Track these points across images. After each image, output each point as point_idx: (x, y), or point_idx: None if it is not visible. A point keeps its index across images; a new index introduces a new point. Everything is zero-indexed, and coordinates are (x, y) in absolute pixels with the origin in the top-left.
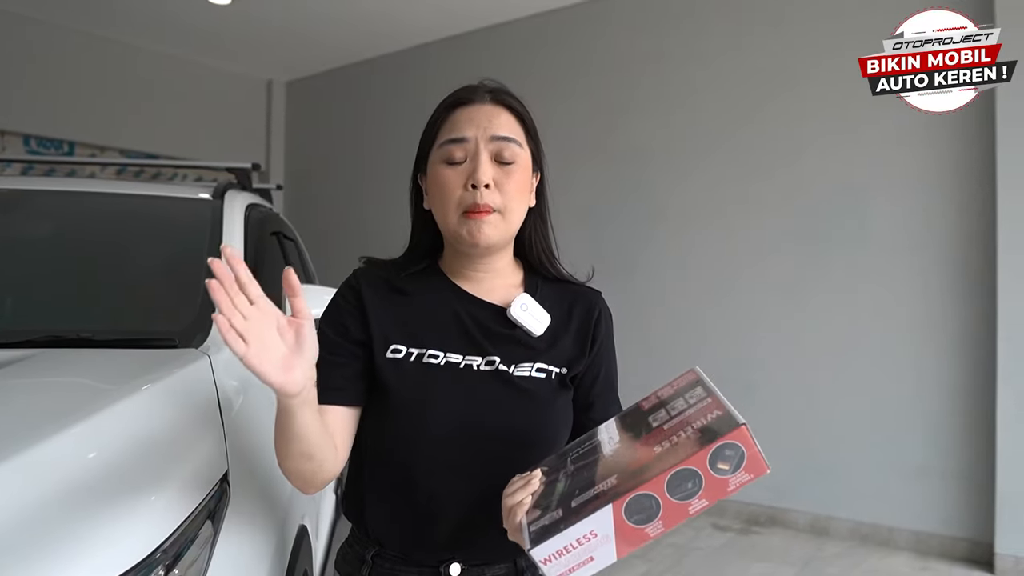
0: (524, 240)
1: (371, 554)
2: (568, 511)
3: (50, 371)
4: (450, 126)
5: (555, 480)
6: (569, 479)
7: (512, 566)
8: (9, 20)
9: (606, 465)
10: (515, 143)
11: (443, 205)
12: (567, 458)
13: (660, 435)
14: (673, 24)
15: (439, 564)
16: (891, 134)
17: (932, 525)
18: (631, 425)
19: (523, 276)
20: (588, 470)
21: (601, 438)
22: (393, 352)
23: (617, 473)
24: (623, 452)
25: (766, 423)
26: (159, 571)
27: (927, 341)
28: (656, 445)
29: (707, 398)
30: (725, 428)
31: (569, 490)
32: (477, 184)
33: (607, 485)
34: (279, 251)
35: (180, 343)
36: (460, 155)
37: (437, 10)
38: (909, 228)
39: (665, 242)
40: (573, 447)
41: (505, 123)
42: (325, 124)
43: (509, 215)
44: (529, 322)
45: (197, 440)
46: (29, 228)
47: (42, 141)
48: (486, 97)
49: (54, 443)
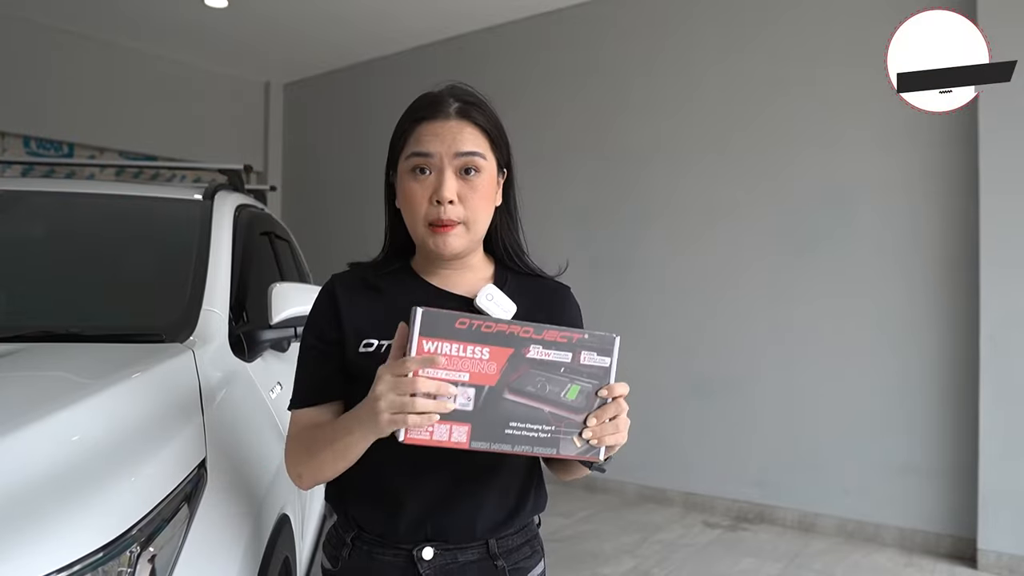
0: (492, 236)
1: (351, 537)
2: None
3: (38, 364)
4: (416, 139)
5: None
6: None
7: (484, 549)
8: (11, 24)
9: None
10: (479, 156)
11: (411, 216)
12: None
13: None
14: (668, 29)
15: (413, 547)
16: (877, 140)
17: (917, 522)
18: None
19: (493, 270)
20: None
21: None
22: (365, 346)
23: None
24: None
25: (754, 422)
26: (134, 548)
27: (912, 341)
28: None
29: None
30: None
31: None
32: (441, 200)
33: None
34: (270, 250)
35: (166, 338)
36: (425, 168)
37: (434, 12)
38: (894, 231)
39: (658, 243)
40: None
41: (469, 138)
42: (322, 126)
43: (474, 225)
44: (495, 311)
45: (177, 428)
46: (23, 228)
47: (42, 143)
48: (451, 113)
49: (39, 427)
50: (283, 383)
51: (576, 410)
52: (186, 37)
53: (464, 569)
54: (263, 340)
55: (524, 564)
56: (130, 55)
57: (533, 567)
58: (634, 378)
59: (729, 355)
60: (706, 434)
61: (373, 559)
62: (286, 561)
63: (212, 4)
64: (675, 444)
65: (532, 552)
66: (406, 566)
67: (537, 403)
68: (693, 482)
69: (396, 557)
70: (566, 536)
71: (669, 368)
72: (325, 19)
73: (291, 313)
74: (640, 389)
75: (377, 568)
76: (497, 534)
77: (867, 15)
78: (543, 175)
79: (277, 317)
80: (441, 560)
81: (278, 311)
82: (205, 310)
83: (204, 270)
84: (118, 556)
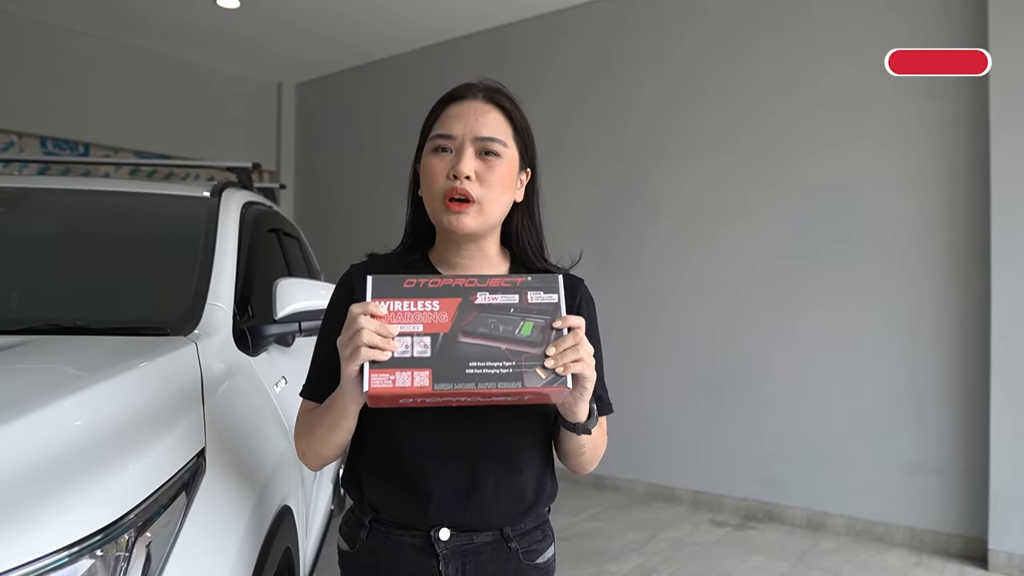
0: (511, 235)
1: (368, 519)
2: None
3: (45, 355)
4: (442, 121)
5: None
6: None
7: (499, 532)
8: (27, 26)
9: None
10: (499, 142)
11: (429, 191)
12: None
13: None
14: (676, 28)
15: (429, 529)
16: (885, 139)
17: (927, 521)
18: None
19: (509, 266)
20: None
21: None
22: None
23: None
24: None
25: (763, 420)
26: (131, 533)
27: (922, 339)
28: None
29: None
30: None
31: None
32: (458, 175)
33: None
34: (277, 246)
35: (171, 331)
36: (447, 148)
37: (444, 12)
38: (904, 230)
39: (667, 244)
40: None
41: (492, 122)
42: (334, 125)
43: (488, 205)
44: None
45: (177, 417)
46: (36, 223)
47: (58, 143)
48: (479, 95)
49: (43, 413)
50: (287, 377)
51: (533, 344)
52: (199, 38)
53: (479, 550)
54: (268, 335)
55: (536, 547)
56: (144, 56)
57: (544, 550)
58: (643, 377)
59: (738, 354)
60: (714, 433)
61: (391, 539)
62: (288, 552)
63: (224, 5)
64: (683, 443)
65: (543, 536)
66: (423, 546)
67: (493, 342)
68: (701, 481)
69: (414, 537)
70: (574, 533)
71: (678, 367)
72: (336, 19)
73: (296, 308)
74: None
75: (395, 548)
76: (512, 524)
77: (876, 14)
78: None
79: (282, 312)
80: (457, 541)
81: (283, 306)
82: (210, 304)
83: (210, 265)
84: (115, 540)
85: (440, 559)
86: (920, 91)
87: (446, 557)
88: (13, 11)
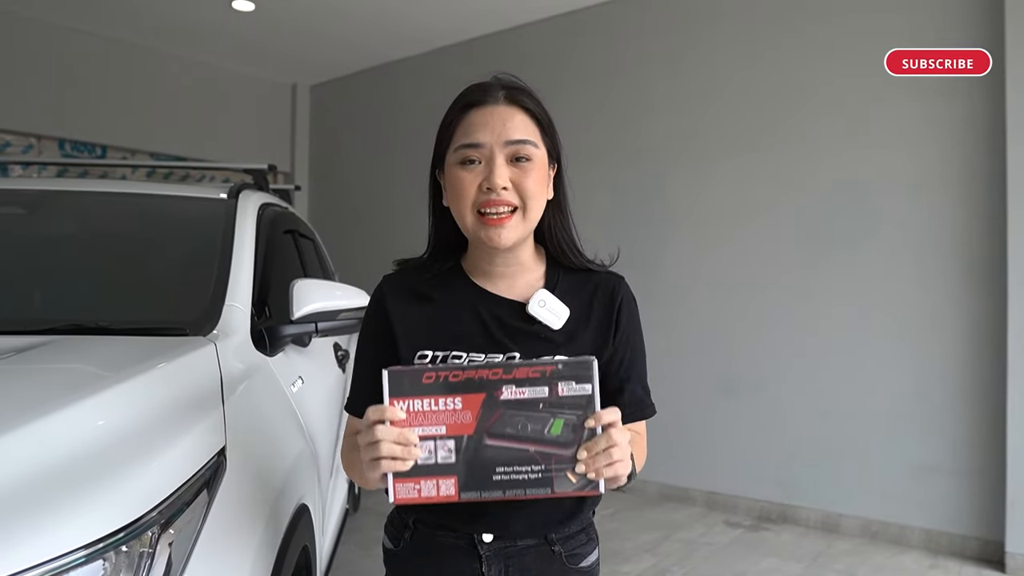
0: (544, 232)
1: (412, 519)
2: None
3: (68, 354)
4: (464, 129)
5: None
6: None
7: (543, 539)
8: (46, 30)
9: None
10: (530, 144)
11: (460, 206)
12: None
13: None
14: (691, 29)
15: (473, 532)
16: (902, 140)
17: (942, 523)
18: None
19: (545, 268)
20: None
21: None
22: (420, 357)
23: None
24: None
25: (778, 421)
26: (154, 530)
27: (938, 339)
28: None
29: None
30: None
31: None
32: (494, 187)
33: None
34: (293, 247)
35: (191, 332)
36: (476, 159)
37: (458, 13)
38: (921, 230)
39: (682, 244)
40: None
41: (519, 125)
42: (348, 126)
43: (528, 213)
44: (547, 317)
45: (198, 417)
46: (57, 225)
47: (76, 145)
48: (500, 98)
49: (67, 413)
50: (304, 377)
51: (564, 444)
52: (214, 41)
53: (523, 552)
54: (285, 335)
55: (580, 550)
56: (161, 59)
57: (589, 554)
58: (658, 378)
59: (753, 355)
60: (729, 434)
61: (434, 540)
62: (305, 550)
63: (239, 8)
64: (698, 443)
65: (588, 539)
66: (467, 548)
67: (520, 444)
68: (715, 481)
69: (457, 539)
70: None
71: (692, 368)
72: (350, 21)
73: (313, 308)
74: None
75: (438, 548)
76: (556, 530)
77: (893, 15)
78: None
79: (299, 312)
80: (500, 544)
81: (300, 307)
82: (228, 305)
83: (228, 266)
84: (139, 536)
85: (483, 561)
86: (937, 91)
87: (489, 559)
88: (32, 16)
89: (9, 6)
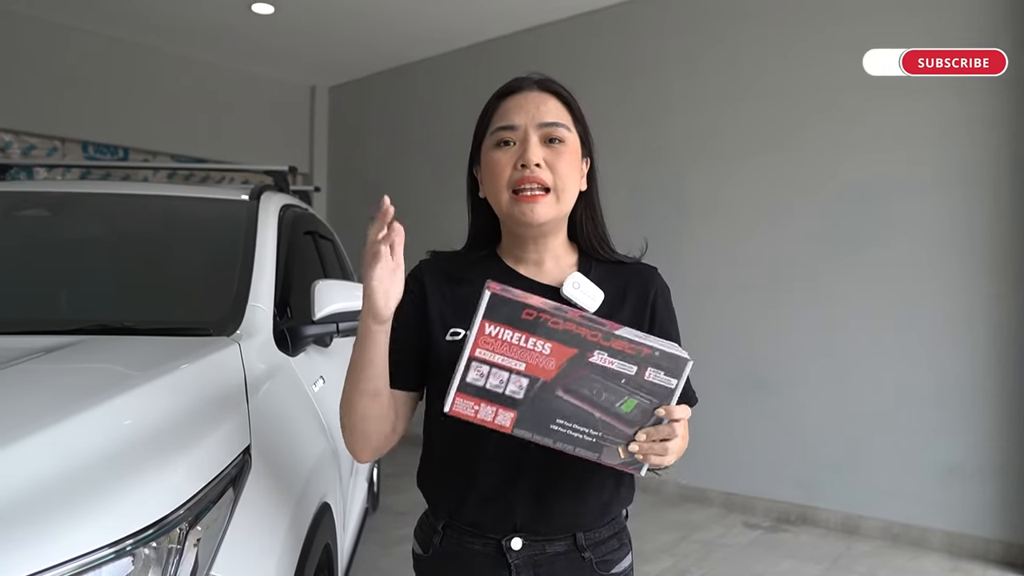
0: (576, 225)
1: (441, 524)
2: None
3: (96, 354)
4: (501, 114)
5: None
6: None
7: (572, 541)
8: (67, 34)
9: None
10: (563, 127)
11: (495, 185)
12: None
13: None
14: (710, 29)
15: (502, 536)
16: (924, 137)
17: (965, 526)
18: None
19: (577, 257)
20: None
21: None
22: (452, 335)
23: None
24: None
25: (797, 422)
26: (182, 527)
27: (960, 339)
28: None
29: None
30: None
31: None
32: (527, 164)
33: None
34: (313, 248)
35: (214, 332)
36: (510, 140)
37: (475, 14)
38: (943, 229)
39: (701, 243)
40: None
41: (553, 109)
42: (366, 127)
43: (562, 194)
44: (582, 299)
45: (223, 415)
46: (83, 227)
47: (99, 147)
48: (534, 85)
49: (95, 412)
50: (325, 377)
51: (628, 423)
52: (234, 43)
53: (552, 560)
54: (306, 335)
55: (612, 556)
56: (181, 62)
57: (621, 559)
58: None
59: (773, 355)
60: (747, 434)
61: (463, 546)
62: (327, 548)
63: (259, 11)
64: (716, 444)
65: (620, 545)
66: (496, 555)
67: (589, 407)
68: (734, 482)
69: (486, 546)
70: None
71: (711, 367)
72: (368, 23)
73: (334, 309)
74: None
75: (467, 555)
76: (585, 528)
77: (914, 13)
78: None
79: (320, 313)
80: (529, 551)
81: (321, 307)
82: (251, 305)
83: (250, 267)
84: (167, 533)
85: (512, 569)
86: (960, 91)
87: (518, 567)
88: (57, 22)
89: (39, 12)
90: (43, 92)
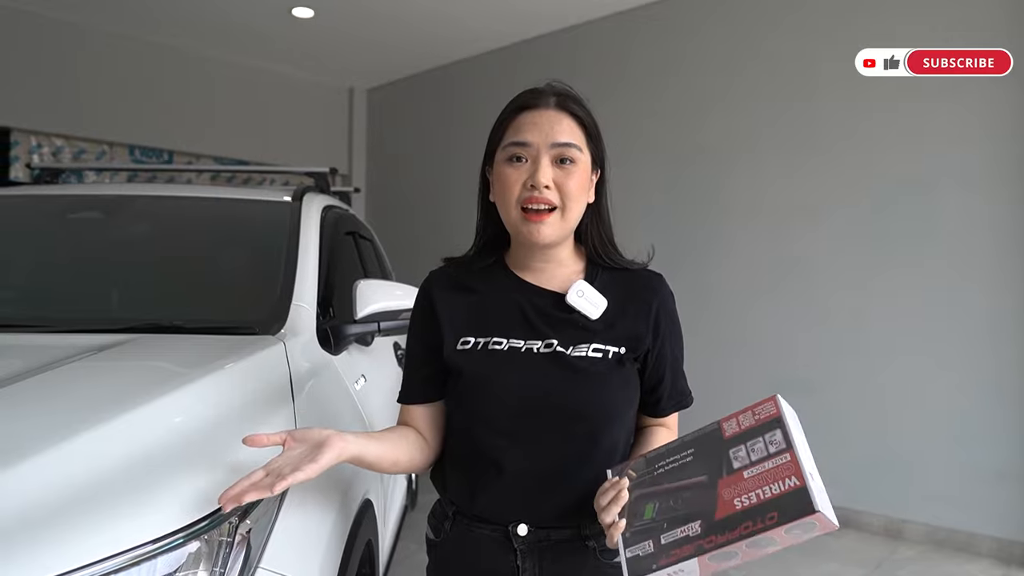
0: (583, 233)
1: (451, 511)
2: (659, 547)
3: (147, 353)
4: (515, 129)
5: (644, 498)
6: (658, 503)
7: (576, 530)
8: (114, 40)
9: (692, 503)
10: (575, 147)
11: (504, 200)
12: (654, 469)
13: (741, 485)
14: (737, 25)
15: (508, 524)
16: (963, 132)
17: (1015, 532)
18: (711, 452)
19: (584, 264)
20: (675, 500)
21: (685, 458)
22: (463, 344)
23: (702, 519)
24: (707, 492)
25: (838, 423)
26: (232, 520)
27: (1008, 339)
28: (737, 499)
29: (786, 453)
30: (800, 510)
31: (659, 519)
32: (537, 185)
33: (693, 531)
34: (354, 248)
35: (259, 331)
36: (522, 157)
37: (512, 15)
38: (987, 227)
39: (738, 243)
40: (658, 458)
41: (567, 129)
42: (404, 128)
43: (567, 213)
44: (585, 307)
45: (271, 412)
46: (132, 229)
47: (145, 151)
48: (550, 102)
49: (148, 409)
50: (367, 376)
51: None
52: (275, 47)
53: (557, 547)
54: (348, 334)
55: None
56: (223, 67)
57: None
58: (713, 379)
59: (813, 355)
60: None
61: (472, 532)
62: (369, 544)
63: (299, 15)
64: None
65: None
66: (503, 540)
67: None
68: None
69: (493, 532)
70: None
71: (749, 369)
72: (405, 26)
73: (375, 308)
74: (719, 391)
75: (475, 540)
76: (590, 519)
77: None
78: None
79: (362, 312)
80: (535, 537)
81: (363, 306)
82: (295, 305)
83: (294, 267)
84: (218, 526)
85: (518, 554)
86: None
87: (524, 552)
88: (104, 27)
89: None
90: (95, 98)
